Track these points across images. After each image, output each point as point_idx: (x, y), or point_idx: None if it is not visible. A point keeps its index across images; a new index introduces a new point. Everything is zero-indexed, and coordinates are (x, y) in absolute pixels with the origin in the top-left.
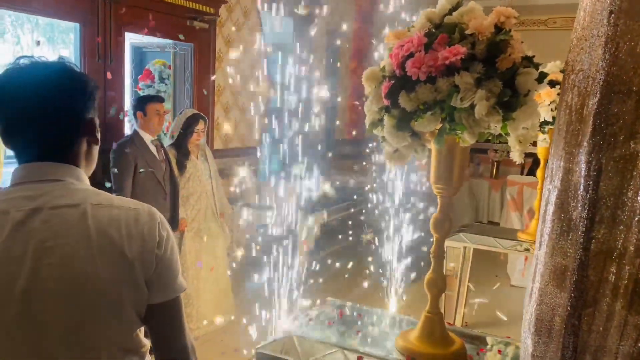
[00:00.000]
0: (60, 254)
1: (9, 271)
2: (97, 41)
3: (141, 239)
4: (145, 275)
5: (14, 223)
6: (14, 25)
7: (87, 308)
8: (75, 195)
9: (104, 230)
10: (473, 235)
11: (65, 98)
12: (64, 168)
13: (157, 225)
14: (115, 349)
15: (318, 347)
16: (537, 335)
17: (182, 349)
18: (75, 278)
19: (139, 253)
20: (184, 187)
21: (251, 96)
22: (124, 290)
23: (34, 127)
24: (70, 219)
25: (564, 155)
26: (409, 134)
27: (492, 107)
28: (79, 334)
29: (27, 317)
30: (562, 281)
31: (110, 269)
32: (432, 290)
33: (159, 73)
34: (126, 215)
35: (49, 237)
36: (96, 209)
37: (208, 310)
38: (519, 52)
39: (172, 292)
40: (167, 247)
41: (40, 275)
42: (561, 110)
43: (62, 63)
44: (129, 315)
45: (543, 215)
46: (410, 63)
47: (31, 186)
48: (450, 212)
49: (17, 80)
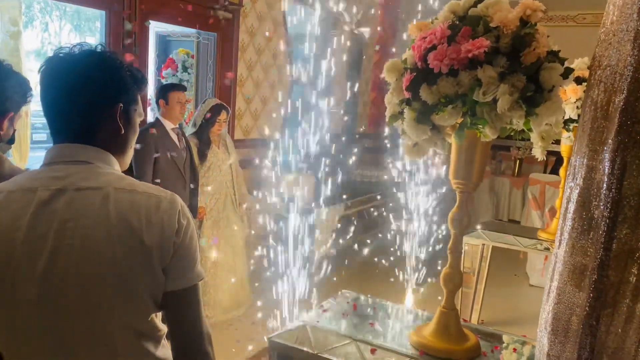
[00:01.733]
0: (81, 235)
1: (32, 249)
2: (122, 29)
3: (160, 226)
4: (163, 262)
5: (40, 202)
6: (43, 13)
7: (103, 291)
8: (100, 178)
9: (124, 215)
10: (492, 233)
11: (92, 84)
12: (92, 151)
13: (177, 213)
14: (130, 333)
15: (331, 338)
16: (553, 335)
17: (198, 336)
18: (93, 261)
19: (157, 240)
20: (204, 176)
21: (272, 87)
22: (140, 276)
23: (66, 111)
24: (93, 202)
25: (587, 152)
26: (429, 127)
27: (515, 102)
28: (94, 316)
29: (46, 296)
30: (581, 281)
31: (127, 254)
32: (448, 285)
33: (183, 62)
34: (147, 201)
35: (70, 218)
36: (119, 194)
37: (225, 298)
38: (544, 47)
39: (189, 280)
40: (186, 236)
41: (60, 255)
42: (586, 107)
43: (93, 51)
44: (145, 301)
45: (564, 213)
46: (432, 55)
47: (59, 167)
48: (468, 208)
49: (53, 68)
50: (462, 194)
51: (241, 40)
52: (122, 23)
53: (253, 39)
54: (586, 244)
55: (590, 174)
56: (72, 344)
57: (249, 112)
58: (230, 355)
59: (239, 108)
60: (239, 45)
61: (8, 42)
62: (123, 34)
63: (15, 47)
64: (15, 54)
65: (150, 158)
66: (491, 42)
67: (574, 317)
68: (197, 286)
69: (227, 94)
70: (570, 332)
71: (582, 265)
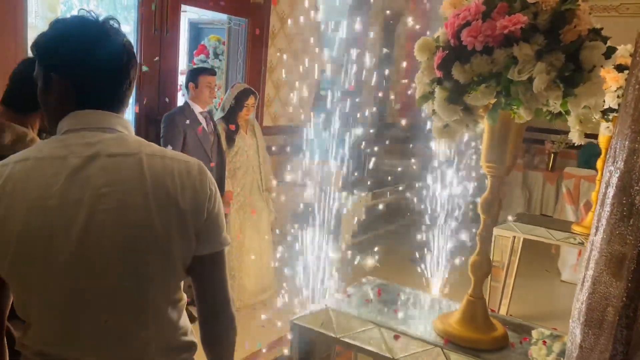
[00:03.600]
0: (117, 200)
1: (67, 215)
2: (155, 12)
3: (193, 190)
4: (196, 226)
5: (72, 169)
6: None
7: (139, 256)
8: (130, 144)
9: (160, 179)
10: (524, 225)
11: (116, 53)
12: (116, 118)
13: (207, 179)
14: (162, 299)
15: (354, 323)
16: (587, 326)
17: (223, 300)
18: (131, 225)
19: (191, 204)
20: (232, 161)
21: (303, 74)
22: (176, 239)
23: (89, 78)
24: (127, 167)
25: (629, 134)
26: (460, 107)
27: (552, 81)
28: (130, 281)
29: (82, 262)
30: (619, 270)
31: (165, 218)
32: (477, 273)
33: (214, 49)
34: (178, 166)
35: (105, 184)
36: (151, 159)
37: (250, 283)
38: (586, 24)
39: (218, 245)
40: (216, 202)
41: (95, 221)
42: (630, 86)
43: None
44: (177, 266)
45: (602, 199)
46: (466, 32)
47: (87, 133)
48: (500, 194)
49: (67, 32)
50: (493, 178)
51: (272, 26)
52: (154, 6)
53: (284, 25)
54: (625, 231)
55: (632, 156)
56: (105, 310)
57: (278, 98)
58: (255, 339)
59: (268, 94)
60: (269, 31)
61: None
62: (155, 17)
63: None
64: None
65: (178, 142)
66: (529, 18)
67: (610, 308)
68: (224, 252)
69: (257, 80)
70: (605, 324)
71: (621, 254)
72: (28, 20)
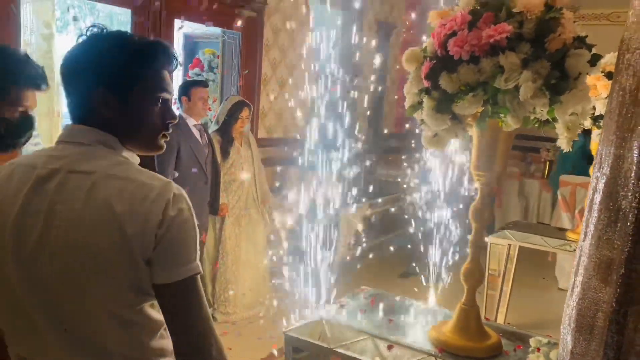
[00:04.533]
0: (67, 219)
1: (23, 228)
2: (147, 27)
3: (144, 216)
4: (144, 254)
5: (37, 179)
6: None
7: (86, 278)
8: (93, 162)
9: (110, 203)
10: (519, 233)
11: (80, 67)
12: (93, 133)
13: (165, 203)
14: (115, 321)
15: (348, 333)
16: (578, 332)
17: (199, 335)
18: (77, 245)
19: (139, 231)
20: (227, 174)
21: (297, 86)
22: (121, 266)
23: (67, 93)
24: (81, 186)
25: (615, 140)
26: (449, 116)
27: (539, 89)
28: (79, 302)
29: (34, 278)
30: (607, 275)
31: (109, 242)
32: (469, 280)
33: (209, 62)
34: (136, 190)
35: (59, 201)
36: (109, 180)
37: (246, 295)
38: (571, 32)
39: (176, 275)
40: (172, 228)
41: (48, 236)
42: (614, 93)
43: (95, 35)
44: (126, 291)
45: (590, 205)
46: (452, 42)
47: (60, 147)
48: (490, 201)
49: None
50: (483, 186)
51: (266, 39)
52: (147, 21)
53: (278, 38)
54: (613, 237)
55: (618, 162)
56: (60, 327)
57: (272, 111)
58: (251, 351)
59: (263, 107)
60: (263, 44)
61: (41, 45)
62: (148, 32)
63: (48, 50)
64: (48, 56)
65: (172, 156)
66: (514, 27)
67: (600, 314)
68: (191, 282)
69: (252, 92)
70: (595, 329)
71: (609, 259)
72: (22, 37)
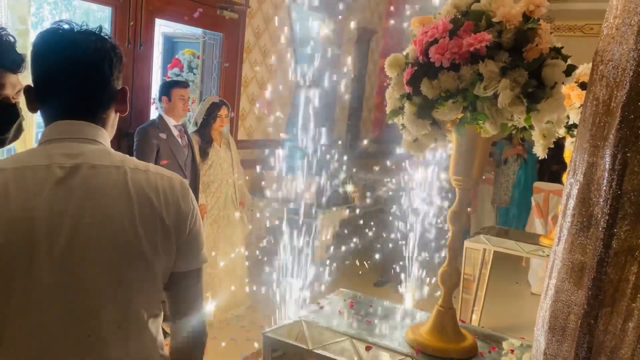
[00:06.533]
0: (101, 213)
1: (51, 229)
2: (128, 26)
3: (177, 206)
4: (177, 242)
5: (56, 179)
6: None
7: (125, 268)
8: (113, 157)
9: (145, 193)
10: (494, 238)
11: (101, 63)
12: (98, 130)
13: (189, 195)
14: (143, 314)
15: (326, 335)
16: (550, 333)
17: (198, 318)
18: (116, 238)
19: (175, 220)
20: (205, 174)
21: (277, 89)
22: (159, 255)
23: (71, 87)
24: (111, 179)
25: (588, 148)
26: (429, 122)
27: (516, 97)
28: (115, 295)
29: (65, 278)
30: (579, 278)
31: (150, 232)
32: (446, 283)
33: (188, 63)
34: (162, 181)
35: (88, 196)
36: (134, 172)
37: (223, 297)
38: (547, 43)
39: (197, 262)
40: (196, 218)
41: (80, 233)
42: (588, 102)
43: (98, 32)
44: (158, 281)
45: (564, 210)
46: (434, 49)
47: (69, 144)
48: (467, 206)
49: (57, 41)
50: (461, 191)
51: (247, 41)
52: (128, 19)
53: (259, 40)
54: (585, 241)
55: (591, 170)
56: (89, 325)
57: (252, 113)
58: (227, 354)
59: (243, 109)
60: (244, 46)
61: (17, 40)
62: (128, 30)
63: (24, 46)
64: (23, 52)
65: (151, 156)
66: (493, 37)
67: (572, 316)
68: (201, 270)
69: (232, 94)
70: (567, 331)
71: (581, 263)
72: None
